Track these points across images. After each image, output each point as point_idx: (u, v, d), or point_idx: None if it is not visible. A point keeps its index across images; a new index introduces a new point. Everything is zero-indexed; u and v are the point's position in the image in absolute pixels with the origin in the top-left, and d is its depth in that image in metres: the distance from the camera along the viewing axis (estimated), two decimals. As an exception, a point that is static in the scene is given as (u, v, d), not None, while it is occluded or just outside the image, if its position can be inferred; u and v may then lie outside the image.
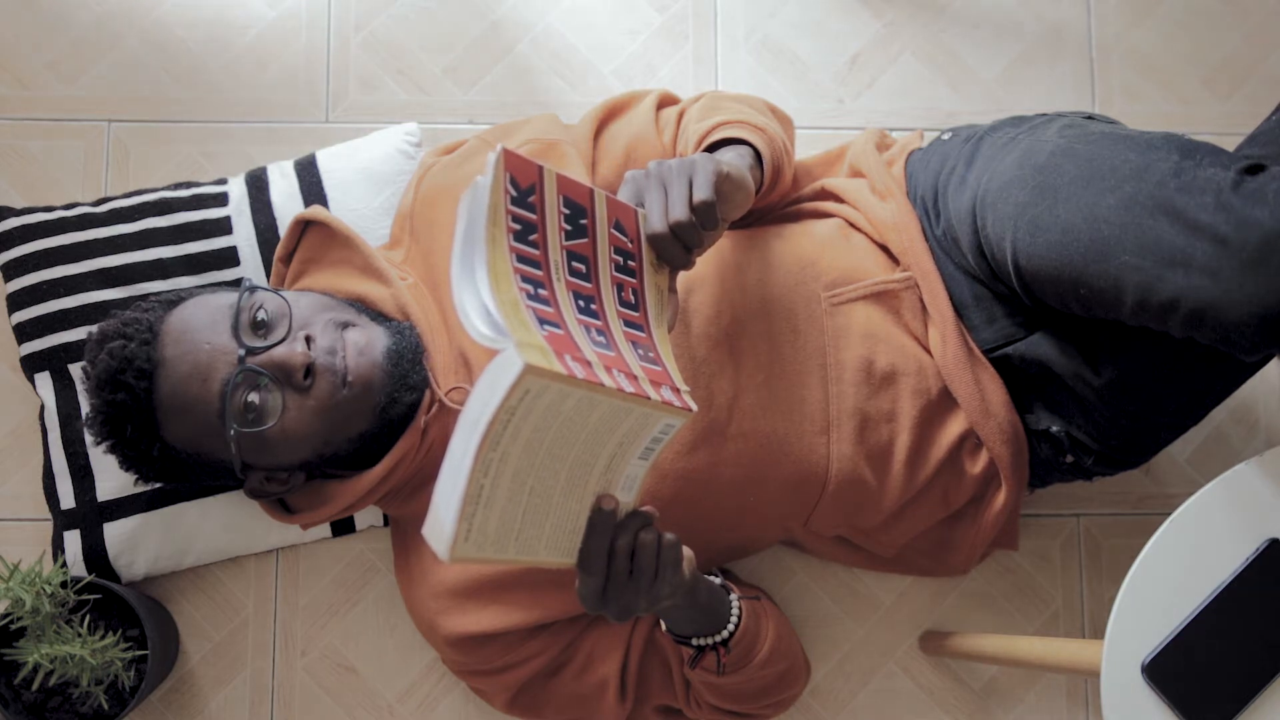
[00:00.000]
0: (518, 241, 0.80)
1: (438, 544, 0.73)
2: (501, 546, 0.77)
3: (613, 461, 0.82)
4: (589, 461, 0.80)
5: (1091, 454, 1.16)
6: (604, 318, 0.85)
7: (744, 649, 1.10)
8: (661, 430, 0.84)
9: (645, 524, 0.86)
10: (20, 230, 1.30)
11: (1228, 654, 0.92)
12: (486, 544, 0.75)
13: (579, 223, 0.86)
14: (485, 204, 0.78)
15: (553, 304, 0.80)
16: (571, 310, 0.82)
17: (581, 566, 0.84)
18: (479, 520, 0.74)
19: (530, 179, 0.81)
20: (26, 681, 1.20)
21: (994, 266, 1.09)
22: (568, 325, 0.80)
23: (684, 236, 0.90)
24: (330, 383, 1.05)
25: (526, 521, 0.78)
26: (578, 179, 0.86)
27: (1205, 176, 0.93)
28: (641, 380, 0.81)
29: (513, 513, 0.76)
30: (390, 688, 1.33)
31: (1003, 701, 1.36)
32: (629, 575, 0.85)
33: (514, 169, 0.80)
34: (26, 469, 1.34)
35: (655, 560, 0.85)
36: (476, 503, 0.73)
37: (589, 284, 0.85)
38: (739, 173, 0.97)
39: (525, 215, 0.81)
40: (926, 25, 1.50)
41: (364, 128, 1.42)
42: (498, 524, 0.75)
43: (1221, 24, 1.51)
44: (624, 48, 1.48)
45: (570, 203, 0.85)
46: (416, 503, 1.17)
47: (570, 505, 0.81)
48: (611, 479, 0.84)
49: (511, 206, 0.80)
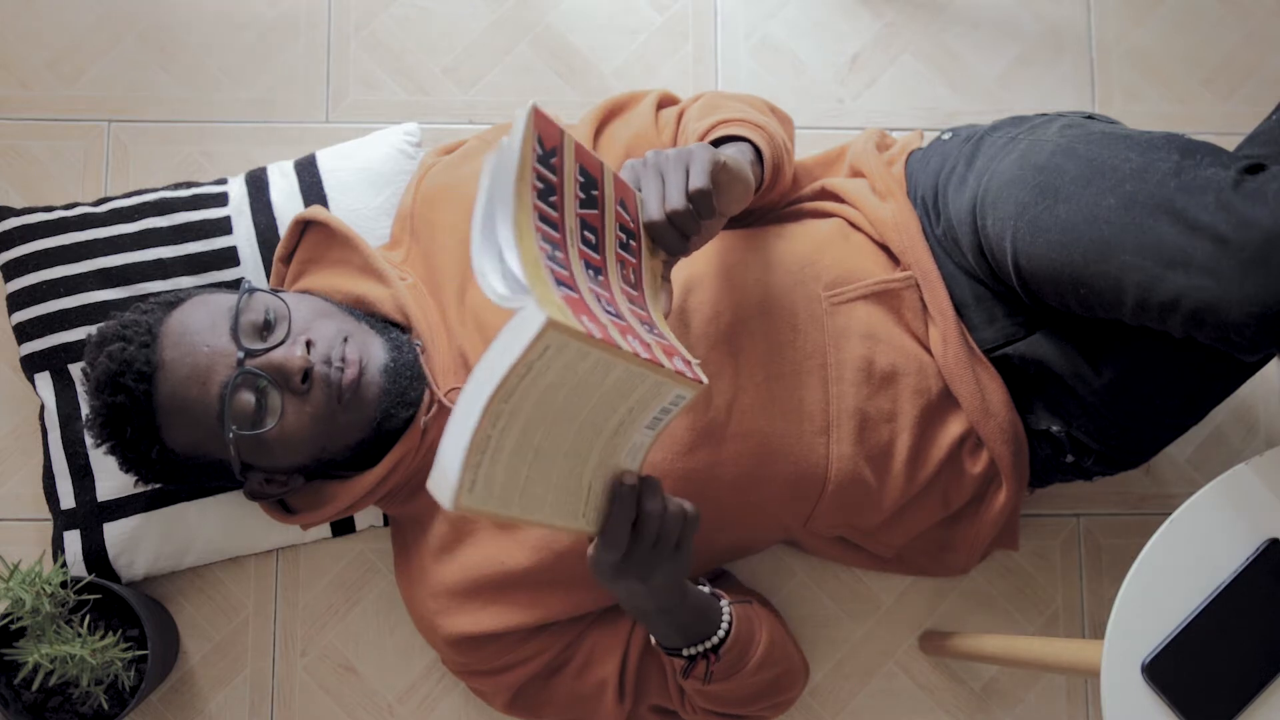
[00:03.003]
0: (540, 200, 0.79)
1: (442, 493, 0.72)
2: (506, 502, 0.76)
3: (621, 428, 0.82)
4: (599, 425, 0.80)
5: (1091, 454, 1.16)
6: (610, 289, 0.84)
7: (736, 654, 1.09)
8: (672, 401, 0.84)
9: (662, 490, 0.87)
10: (20, 230, 1.30)
11: (1228, 654, 0.92)
12: (491, 498, 0.74)
13: (590, 193, 0.85)
14: (515, 158, 0.77)
15: (567, 267, 0.79)
16: (584, 276, 0.81)
17: (604, 538, 0.85)
18: (484, 472, 0.73)
19: (554, 141, 0.81)
20: (26, 681, 1.20)
21: (994, 266, 1.09)
22: (580, 290, 0.79)
23: (680, 224, 0.90)
24: (326, 394, 1.05)
25: (531, 480, 0.77)
26: (590, 150, 0.86)
27: (1205, 176, 0.93)
28: (654, 349, 0.81)
29: (518, 468, 0.75)
30: (390, 688, 1.33)
31: (1003, 701, 1.36)
32: (652, 545, 0.86)
33: (541, 128, 0.80)
34: (26, 469, 1.34)
35: (680, 529, 0.88)
36: (483, 452, 0.72)
37: (597, 255, 0.85)
38: (737, 164, 0.97)
39: (548, 176, 0.81)
40: (926, 25, 1.50)
41: (364, 128, 1.42)
42: (503, 478, 0.74)
43: (1221, 24, 1.51)
44: (624, 48, 1.48)
45: (584, 171, 0.85)
46: (416, 503, 1.17)
47: (574, 468, 0.81)
48: (618, 445, 0.83)
49: (537, 165, 0.79)
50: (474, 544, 1.14)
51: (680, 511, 0.88)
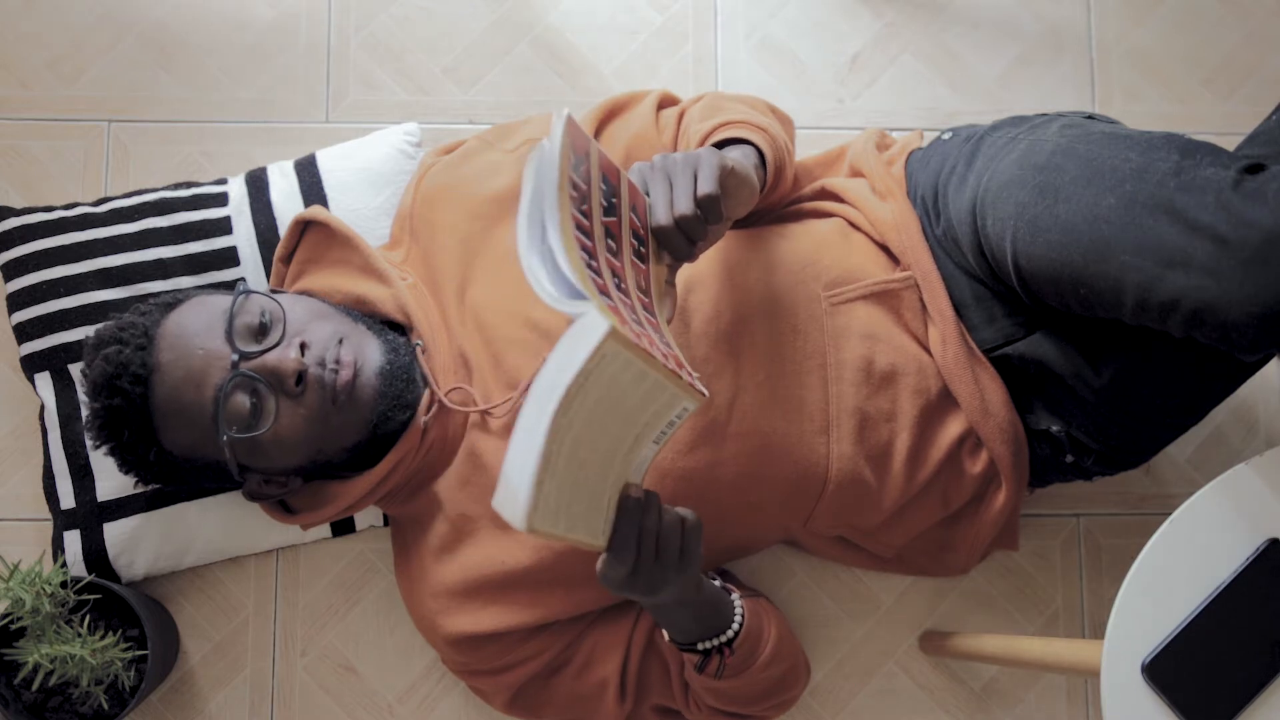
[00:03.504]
0: (575, 209, 0.79)
1: (513, 514, 0.70)
2: (556, 520, 0.74)
3: (636, 441, 0.81)
4: (623, 438, 0.79)
5: (1091, 454, 1.16)
6: (630, 297, 0.84)
7: (749, 649, 1.09)
8: (678, 414, 0.83)
9: (660, 506, 0.88)
10: (20, 230, 1.30)
11: (1228, 654, 0.92)
12: (548, 516, 0.73)
13: (611, 200, 0.85)
14: (556, 165, 0.76)
15: (601, 275, 0.79)
16: (612, 284, 0.81)
17: (613, 552, 0.86)
18: (546, 489, 0.71)
19: (583, 149, 0.81)
20: (26, 681, 1.20)
21: (994, 266, 1.09)
22: (614, 299, 0.78)
23: (688, 229, 0.90)
24: (320, 396, 1.06)
25: (573, 496, 0.76)
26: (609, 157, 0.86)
27: (1205, 176, 0.93)
28: (669, 359, 0.81)
29: (566, 485, 0.74)
30: (390, 688, 1.33)
31: (1003, 701, 1.36)
32: (656, 558, 0.88)
33: (573, 136, 0.79)
34: (26, 469, 1.34)
35: (681, 539, 0.89)
36: (548, 470, 0.70)
37: (618, 261, 0.85)
38: (743, 168, 0.97)
39: (579, 184, 0.80)
40: (926, 25, 1.50)
41: (364, 128, 1.42)
42: (555, 496, 0.73)
43: (1221, 24, 1.51)
44: (624, 48, 1.48)
45: (605, 179, 0.85)
46: (417, 503, 1.17)
47: (599, 485, 0.80)
48: (631, 460, 0.83)
49: (571, 173, 0.79)
50: (474, 544, 1.14)
51: (677, 522, 0.89)
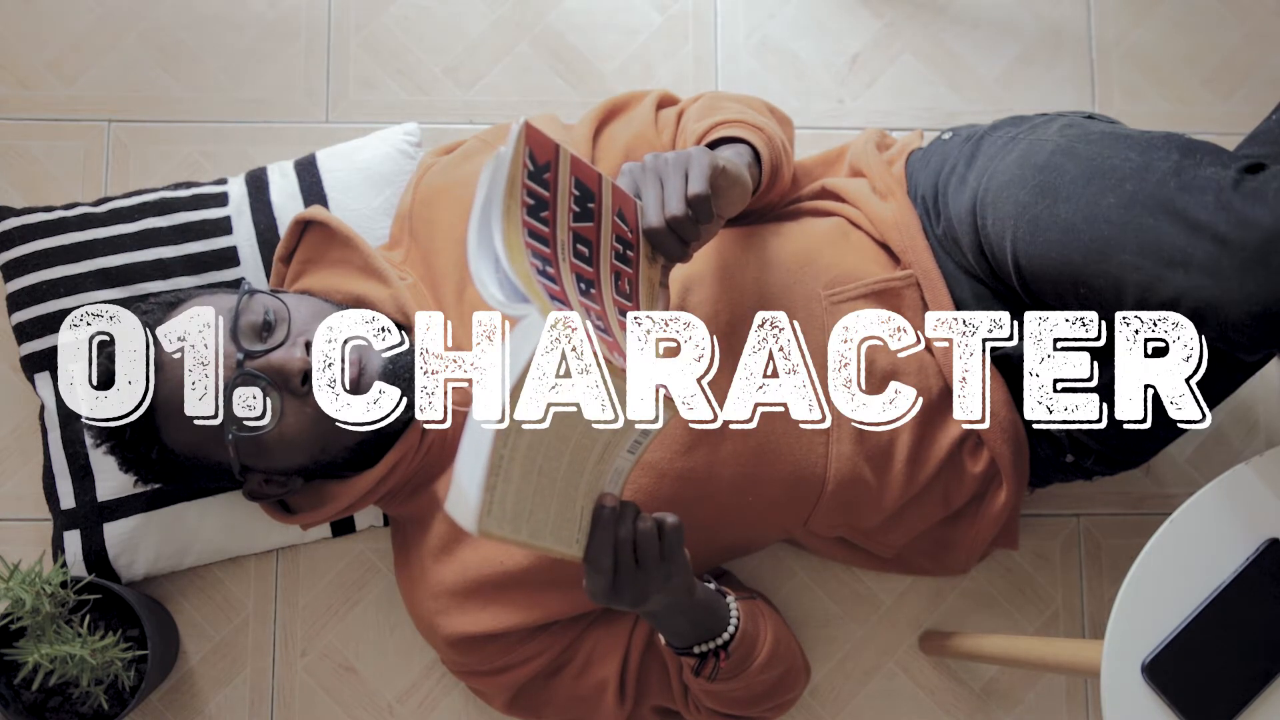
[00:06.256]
0: (530, 216, 0.79)
1: (464, 516, 0.71)
2: (516, 526, 0.75)
3: (606, 450, 0.82)
4: (588, 448, 0.80)
5: (1091, 454, 1.16)
6: (601, 303, 0.84)
7: (744, 652, 1.09)
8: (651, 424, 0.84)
9: (637, 513, 0.87)
10: (20, 230, 1.30)
11: (1228, 654, 0.92)
12: (505, 520, 0.73)
13: (586, 205, 0.85)
14: (505, 174, 0.77)
15: (559, 282, 0.79)
16: (575, 291, 0.81)
17: (589, 563, 0.85)
18: (499, 493, 0.72)
19: (547, 156, 0.81)
20: (26, 681, 1.20)
21: (994, 266, 1.09)
22: (571, 305, 0.79)
23: (680, 230, 0.90)
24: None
25: (536, 503, 0.76)
26: (588, 163, 0.86)
27: (1205, 175, 0.93)
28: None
29: (525, 492, 0.75)
30: (390, 688, 1.33)
31: (1003, 701, 1.36)
32: (635, 565, 0.87)
33: (534, 144, 0.80)
34: (26, 469, 1.34)
35: (658, 544, 0.88)
36: (498, 474, 0.71)
37: (590, 268, 0.85)
38: (735, 168, 0.97)
39: (539, 191, 0.80)
40: (926, 25, 1.50)
41: (364, 128, 1.42)
42: (514, 501, 0.74)
43: (1221, 24, 1.51)
44: (624, 48, 1.48)
45: (580, 185, 0.85)
46: (416, 503, 1.17)
47: (569, 493, 0.81)
48: (603, 470, 0.83)
49: (527, 181, 0.79)
50: (474, 544, 1.14)
51: (653, 527, 0.88)
